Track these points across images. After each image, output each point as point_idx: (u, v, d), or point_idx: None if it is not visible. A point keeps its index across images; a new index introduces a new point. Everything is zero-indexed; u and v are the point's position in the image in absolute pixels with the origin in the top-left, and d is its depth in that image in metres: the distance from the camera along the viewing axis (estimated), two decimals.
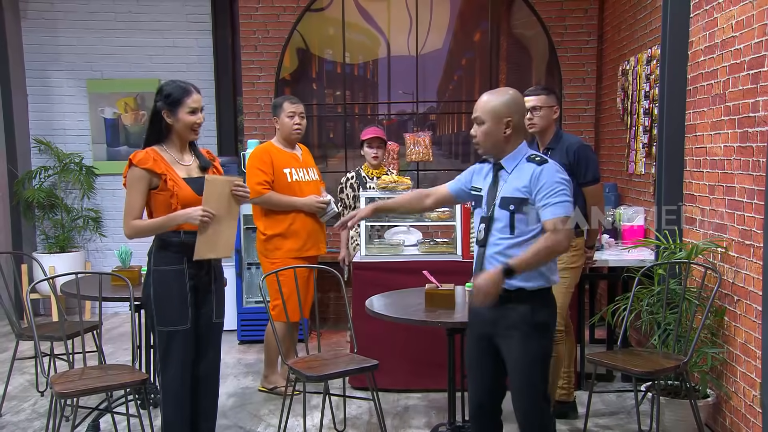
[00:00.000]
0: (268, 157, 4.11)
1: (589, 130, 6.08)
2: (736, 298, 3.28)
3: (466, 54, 6.56)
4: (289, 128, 4.15)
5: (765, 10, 2.91)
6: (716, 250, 3.46)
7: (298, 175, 4.16)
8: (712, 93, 3.52)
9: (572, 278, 3.66)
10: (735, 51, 3.25)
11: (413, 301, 3.34)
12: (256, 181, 4.04)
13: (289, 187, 4.10)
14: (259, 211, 4.17)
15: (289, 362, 3.35)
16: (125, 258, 3.85)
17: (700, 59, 3.67)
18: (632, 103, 4.93)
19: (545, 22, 6.01)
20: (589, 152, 3.63)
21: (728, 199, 3.33)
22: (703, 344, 3.42)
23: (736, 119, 3.24)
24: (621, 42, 5.37)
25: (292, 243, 4.09)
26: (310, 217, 4.14)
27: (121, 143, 6.50)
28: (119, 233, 6.44)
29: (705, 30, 3.61)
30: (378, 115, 6.58)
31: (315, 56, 6.47)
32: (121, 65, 6.39)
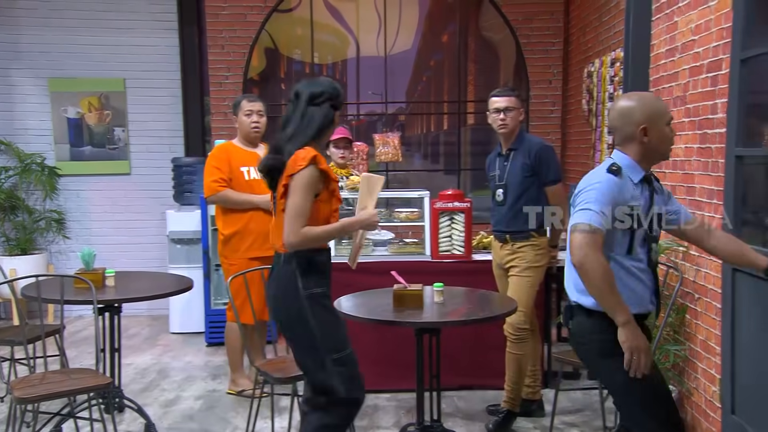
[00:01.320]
0: (225, 155, 4.10)
1: (556, 131, 6.16)
2: (697, 296, 3.35)
3: (435, 55, 6.60)
4: (247, 126, 4.14)
5: (723, 14, 2.99)
6: (678, 249, 3.54)
7: (257, 173, 4.12)
8: (673, 95, 3.60)
9: (536, 277, 3.70)
10: (695, 54, 3.32)
11: (382, 302, 3.34)
12: (212, 179, 4.04)
13: (246, 186, 4.08)
14: (219, 211, 4.16)
15: (257, 364, 3.33)
16: (88, 260, 3.78)
17: (662, 62, 3.75)
18: (597, 104, 5.01)
19: (512, 24, 6.08)
20: (551, 153, 3.69)
21: (689, 199, 3.40)
22: (666, 342, 3.49)
23: (696, 121, 3.32)
24: (586, 44, 5.45)
25: (250, 242, 4.07)
26: (269, 215, 4.10)
27: (84, 143, 6.39)
28: (83, 235, 6.34)
29: (666, 33, 3.69)
30: (347, 116, 6.58)
31: (283, 56, 6.45)
32: (85, 64, 6.28)
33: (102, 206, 6.42)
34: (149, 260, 6.29)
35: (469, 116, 6.44)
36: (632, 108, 2.29)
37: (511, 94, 3.69)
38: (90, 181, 6.39)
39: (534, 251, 3.68)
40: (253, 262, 3.97)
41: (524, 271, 3.67)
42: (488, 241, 4.40)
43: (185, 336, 5.66)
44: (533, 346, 3.81)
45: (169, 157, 6.15)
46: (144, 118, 6.37)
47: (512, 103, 3.65)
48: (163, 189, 6.22)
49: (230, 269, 4.06)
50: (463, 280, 3.85)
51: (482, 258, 4.22)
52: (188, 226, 5.59)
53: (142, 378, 4.67)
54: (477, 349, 4.19)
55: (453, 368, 4.07)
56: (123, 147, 6.42)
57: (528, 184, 3.64)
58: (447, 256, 4.22)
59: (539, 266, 3.71)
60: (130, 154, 6.42)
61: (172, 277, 4.31)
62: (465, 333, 4.04)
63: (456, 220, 4.20)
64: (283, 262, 2.62)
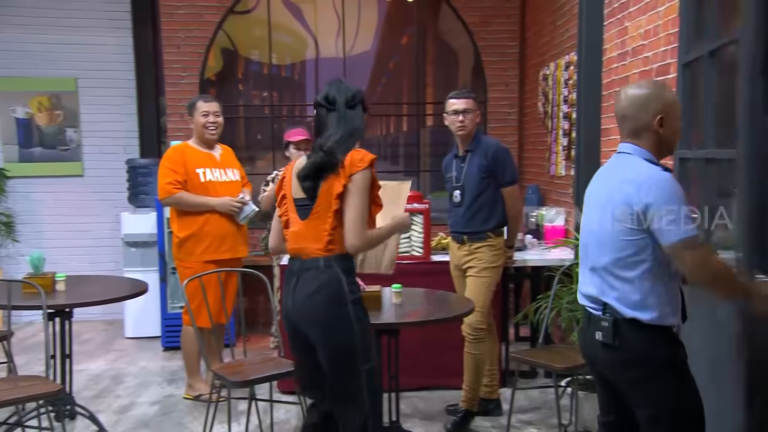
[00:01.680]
0: (181, 156, 4.03)
1: (513, 133, 6.25)
2: None
3: (394, 57, 6.63)
4: (203, 128, 4.09)
5: (670, 19, 3.08)
6: None
7: (212, 175, 4.08)
8: None
9: (493, 277, 3.75)
10: (644, 58, 3.42)
11: None
12: (166, 180, 3.97)
13: (202, 188, 4.03)
14: (174, 213, 4.10)
15: (214, 368, 3.30)
16: (38, 264, 3.68)
17: (614, 66, 3.84)
18: (552, 107, 5.10)
19: (470, 27, 6.14)
20: (507, 155, 3.74)
21: None
22: None
23: None
24: (542, 47, 5.55)
25: (206, 244, 4.02)
26: (225, 218, 4.06)
27: (34, 144, 6.22)
28: (34, 238, 6.17)
29: (617, 38, 3.78)
30: (306, 117, 6.55)
31: (241, 57, 6.39)
32: (34, 63, 6.12)
33: (54, 209, 6.26)
34: (103, 264, 6.15)
35: (428, 118, 6.49)
36: (648, 96, 2.12)
37: (468, 96, 3.73)
38: (40, 183, 6.23)
39: (491, 252, 3.72)
40: (208, 265, 3.91)
41: (481, 272, 3.72)
42: (447, 243, 4.44)
43: (141, 341, 5.56)
44: (490, 346, 3.86)
45: (123, 158, 6.03)
46: (97, 119, 6.24)
47: (470, 105, 3.69)
48: (117, 191, 6.10)
49: (185, 272, 3.99)
50: (422, 281, 3.87)
51: (441, 259, 4.25)
52: (143, 229, 5.50)
53: (95, 384, 4.57)
54: (435, 350, 4.22)
55: (412, 369, 4.09)
56: (75, 148, 6.27)
57: (484, 186, 3.69)
58: (406, 258, 4.24)
59: (496, 267, 3.75)
60: (82, 156, 6.28)
61: (126, 280, 4.22)
62: (423, 334, 4.06)
63: (415, 222, 4.23)
64: (324, 266, 2.50)
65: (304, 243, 2.56)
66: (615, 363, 2.13)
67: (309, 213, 2.55)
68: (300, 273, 2.55)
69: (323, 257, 2.51)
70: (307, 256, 2.54)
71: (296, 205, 2.61)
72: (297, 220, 2.60)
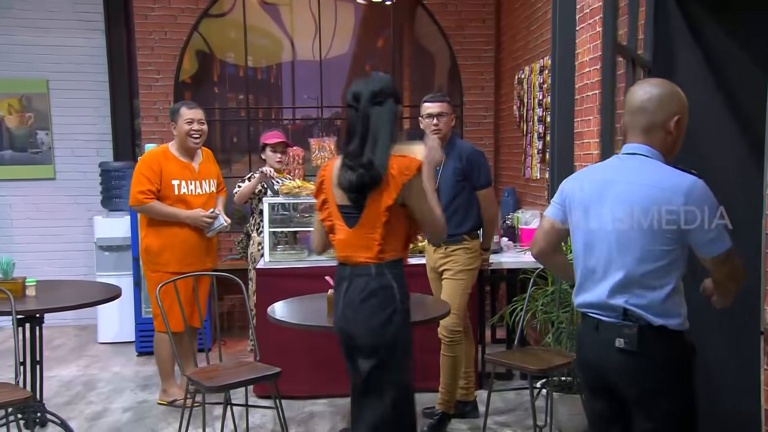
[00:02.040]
0: (158, 164, 3.97)
1: (489, 137, 6.30)
2: None
3: (370, 60, 6.65)
4: (185, 135, 4.04)
5: (641, 25, 3.13)
6: None
7: (187, 188, 4.03)
8: (597, 103, 3.74)
9: (469, 280, 3.77)
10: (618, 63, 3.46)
11: (315, 307, 3.34)
12: (138, 189, 3.92)
13: (174, 201, 3.99)
14: (144, 220, 4.08)
15: (188, 372, 3.27)
16: (7, 269, 3.62)
17: (586, 70, 3.90)
18: (527, 110, 5.15)
19: (445, 30, 6.18)
20: (481, 158, 3.77)
21: None
22: None
23: (618, 128, 3.46)
24: (517, 51, 5.60)
25: (170, 257, 3.98)
26: (193, 231, 4.03)
27: (4, 147, 6.13)
28: (4, 243, 6.07)
29: (590, 42, 3.83)
30: (282, 120, 6.54)
31: (217, 59, 6.35)
32: (4, 64, 6.03)
33: (24, 212, 6.16)
34: (76, 268, 6.08)
35: (405, 120, 6.51)
36: (670, 94, 2.06)
37: (443, 99, 3.76)
38: (10, 186, 6.13)
39: (466, 254, 3.75)
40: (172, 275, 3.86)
41: (457, 275, 3.74)
42: (423, 245, 4.46)
43: (114, 346, 5.50)
44: (467, 348, 3.88)
45: (96, 161, 5.97)
46: (69, 121, 6.16)
47: (444, 108, 3.72)
48: (90, 194, 6.03)
49: (153, 277, 4.00)
50: None
51: (417, 261, 4.26)
52: (117, 233, 5.44)
53: (67, 391, 4.51)
54: None
55: None
56: (47, 151, 6.18)
57: (459, 188, 3.71)
58: None
59: (471, 269, 3.78)
60: (54, 159, 6.20)
61: (99, 285, 4.18)
62: None
63: None
64: (375, 274, 2.41)
65: (352, 251, 2.46)
66: (636, 370, 2.05)
67: (356, 222, 2.45)
68: (351, 279, 2.47)
69: (374, 264, 2.43)
70: (357, 263, 2.46)
71: (341, 212, 2.49)
72: (343, 227, 2.49)
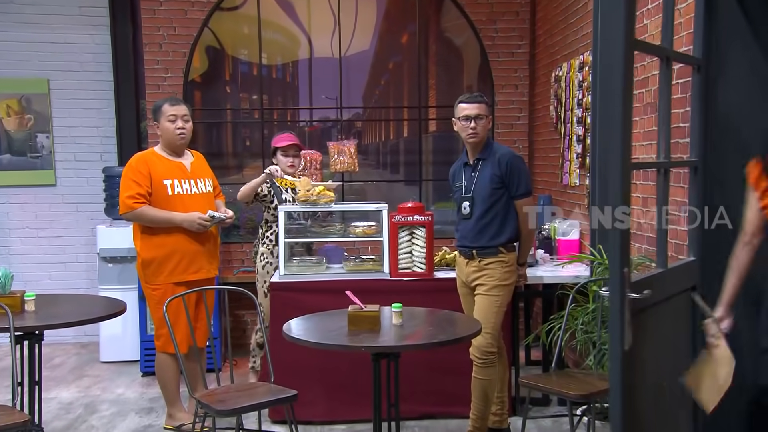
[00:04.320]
0: (146, 167, 4.00)
1: (523, 139, 6.28)
2: None
3: (394, 57, 6.67)
4: (171, 133, 4.07)
5: (692, 17, 3.11)
6: (651, 265, 3.63)
7: (181, 187, 4.06)
8: (643, 102, 3.72)
9: (504, 296, 3.76)
10: None
11: (335, 325, 3.34)
12: (127, 194, 3.95)
13: (168, 202, 4.01)
14: (137, 230, 4.07)
15: (197, 395, 3.29)
16: (5, 282, 3.68)
17: None
18: (565, 111, 5.12)
19: (475, 24, 6.18)
20: (521, 164, 3.77)
21: None
22: None
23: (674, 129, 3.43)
24: (554, 47, 5.59)
25: (173, 265, 4.00)
26: (194, 236, 4.04)
27: (2, 151, 6.24)
28: (1, 254, 6.18)
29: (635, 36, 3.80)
30: (299, 122, 6.59)
31: (228, 56, 6.42)
32: (3, 63, 6.15)
33: (23, 221, 6.26)
34: (77, 281, 6.15)
35: (431, 123, 6.52)
36: None
37: (481, 100, 3.77)
38: (8, 193, 6.23)
39: (502, 269, 3.73)
40: (178, 287, 3.91)
41: (492, 290, 3.72)
42: (451, 258, 4.45)
43: (117, 365, 5.55)
44: (500, 371, 3.86)
45: (99, 166, 6.05)
46: (71, 124, 6.26)
47: (482, 110, 3.74)
48: (92, 202, 6.11)
49: (154, 294, 3.99)
50: (424, 299, 3.89)
51: (445, 276, 4.26)
52: (121, 243, 5.49)
53: (67, 414, 4.56)
54: (439, 375, 4.21)
55: (413, 396, 4.09)
56: (47, 155, 6.28)
57: (497, 197, 3.71)
58: (407, 274, 4.25)
59: (507, 284, 3.76)
60: (55, 164, 6.29)
61: (102, 299, 4.21)
62: (426, 357, 4.06)
63: (417, 235, 4.24)
64: None
65: None
66: None
67: None
68: None
69: None
70: None
71: None
72: None
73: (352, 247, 5.64)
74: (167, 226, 3.99)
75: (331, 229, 4.50)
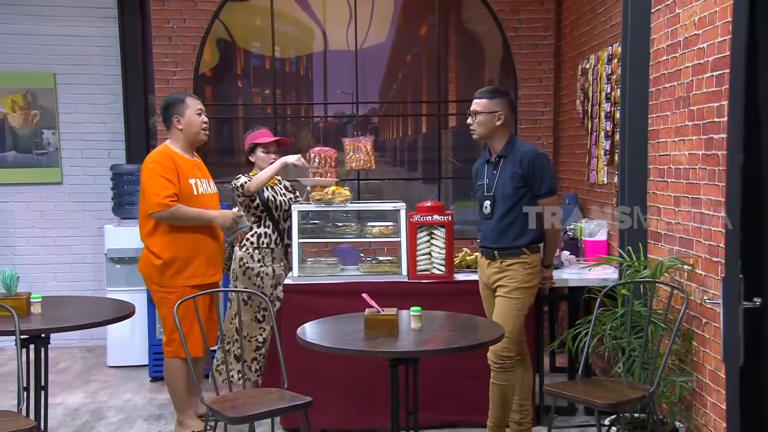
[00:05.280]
0: (172, 163, 4.00)
1: (548, 135, 6.24)
2: (704, 320, 3.41)
3: (412, 49, 6.66)
4: (198, 127, 4.12)
5: (728, 6, 3.07)
6: (683, 268, 3.60)
7: (202, 186, 4.12)
8: (675, 96, 3.68)
9: (525, 299, 3.74)
10: (698, 50, 3.41)
11: (351, 329, 3.34)
12: (162, 193, 3.90)
13: (194, 201, 4.04)
14: (157, 230, 4.02)
15: (208, 401, 3.30)
16: (11, 284, 3.72)
17: (663, 59, 3.83)
18: (593, 105, 5.09)
19: (498, 14, 6.16)
20: (544, 161, 3.75)
21: (694, 212, 3.47)
22: (671, 372, 3.54)
23: (701, 124, 3.40)
24: (580, 38, 5.55)
25: (195, 267, 4.03)
26: (213, 236, 4.13)
27: (7, 148, 6.30)
28: (6, 254, 6.24)
29: (667, 27, 3.77)
30: (313, 117, 6.60)
31: (240, 49, 6.45)
32: (7, 56, 6.21)
33: (28, 221, 6.32)
34: (83, 283, 6.20)
35: (451, 118, 6.50)
36: None
37: (481, 96, 3.78)
38: (13, 191, 6.30)
39: (525, 270, 3.71)
40: (194, 290, 3.93)
41: (512, 292, 3.71)
42: (472, 259, 4.44)
43: (125, 370, 5.59)
44: (523, 377, 3.84)
45: (107, 163, 6.09)
46: (78, 119, 6.31)
47: (481, 106, 3.74)
48: (100, 200, 6.16)
49: (169, 299, 3.96)
50: (444, 303, 3.87)
51: (465, 278, 4.25)
52: (130, 243, 5.52)
53: (73, 420, 4.59)
54: (459, 382, 4.20)
55: (432, 403, 4.08)
56: (53, 152, 6.34)
57: (519, 196, 3.69)
58: (425, 276, 4.24)
59: (529, 287, 3.74)
60: (61, 161, 6.35)
61: (110, 302, 4.25)
62: (446, 363, 4.05)
63: (436, 236, 4.23)
64: None
65: None
66: None
67: None
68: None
69: None
70: None
71: None
72: None
73: (368, 248, 5.64)
74: (192, 225, 4.01)
75: (346, 229, 4.50)
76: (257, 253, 4.42)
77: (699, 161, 3.42)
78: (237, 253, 4.47)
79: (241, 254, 4.44)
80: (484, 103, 3.74)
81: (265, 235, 4.44)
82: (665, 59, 3.81)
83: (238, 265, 4.44)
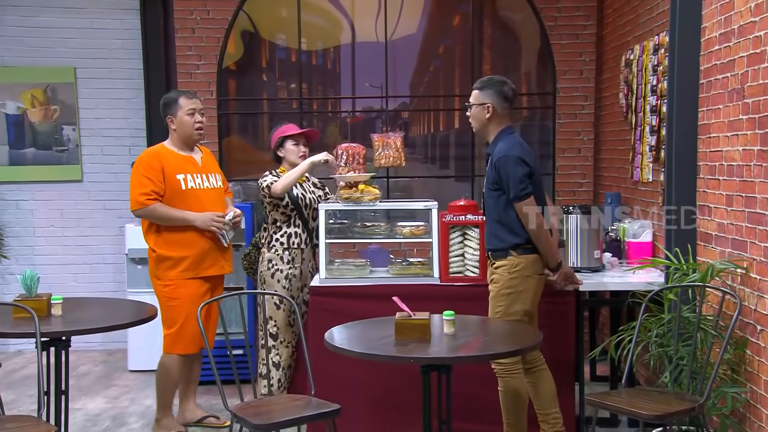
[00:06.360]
0: (158, 162, 4.16)
1: (588, 130, 6.18)
2: (760, 327, 3.34)
3: (444, 40, 6.63)
4: (190, 128, 4.24)
5: None
6: (735, 271, 3.53)
7: (194, 181, 4.21)
8: (728, 88, 3.61)
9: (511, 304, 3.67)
10: (754, 39, 3.34)
11: (381, 333, 3.33)
12: (139, 191, 4.10)
13: (183, 196, 4.16)
14: (150, 226, 4.22)
15: (233, 408, 3.31)
16: (31, 285, 3.76)
17: (715, 48, 3.76)
18: (637, 99, 5.03)
19: (535, 2, 6.10)
20: (510, 165, 3.60)
21: (748, 212, 3.40)
22: (723, 382, 3.48)
23: (756, 118, 3.32)
24: (624, 27, 5.49)
25: (188, 262, 4.15)
26: (199, 234, 4.20)
27: (27, 144, 6.39)
28: (25, 254, 6.33)
29: (720, 14, 3.70)
30: (341, 112, 6.60)
31: (265, 42, 6.47)
32: (28, 50, 6.30)
33: (48, 220, 6.40)
34: (104, 284, 6.27)
35: None
36: None
37: (476, 86, 3.80)
38: (33, 189, 6.38)
39: (509, 275, 3.66)
40: (190, 281, 4.12)
41: (495, 297, 3.74)
42: None
43: (147, 375, 5.62)
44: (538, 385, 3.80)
45: (128, 161, 6.13)
46: (98, 115, 6.38)
47: (473, 98, 3.78)
48: (121, 199, 6.20)
49: (164, 291, 4.16)
50: (478, 307, 3.84)
51: None
52: None
53: (94, 426, 4.64)
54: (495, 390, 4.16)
55: (467, 412, 4.05)
56: (73, 149, 6.41)
57: (494, 198, 3.71)
58: (458, 279, 4.21)
59: (513, 293, 3.66)
60: (81, 158, 6.42)
61: (131, 304, 4.30)
62: (481, 371, 4.01)
63: (469, 236, 4.20)
64: None
65: None
66: None
67: None
68: None
69: None
70: None
71: None
72: None
73: (398, 249, 5.62)
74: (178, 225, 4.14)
75: (375, 230, 4.48)
76: (287, 254, 4.42)
77: (754, 157, 3.35)
78: (265, 255, 4.45)
79: (270, 255, 4.43)
80: (475, 95, 3.78)
81: (296, 235, 4.44)
82: (717, 48, 3.73)
83: (266, 267, 4.43)
